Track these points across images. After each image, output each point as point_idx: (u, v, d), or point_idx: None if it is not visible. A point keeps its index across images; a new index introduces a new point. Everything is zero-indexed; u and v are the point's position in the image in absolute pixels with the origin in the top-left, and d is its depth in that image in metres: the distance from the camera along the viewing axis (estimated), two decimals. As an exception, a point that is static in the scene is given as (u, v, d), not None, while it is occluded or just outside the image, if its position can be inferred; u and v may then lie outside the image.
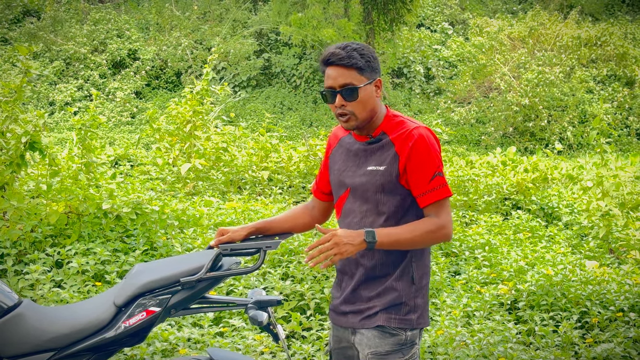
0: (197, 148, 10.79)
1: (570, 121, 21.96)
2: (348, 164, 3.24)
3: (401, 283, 3.11)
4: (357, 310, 3.16)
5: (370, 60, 3.11)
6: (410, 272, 3.12)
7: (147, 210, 7.18)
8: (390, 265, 3.12)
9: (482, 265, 7.42)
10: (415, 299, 3.13)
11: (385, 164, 3.10)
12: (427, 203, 3.07)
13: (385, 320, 3.08)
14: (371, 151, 3.17)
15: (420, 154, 3.05)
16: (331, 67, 3.10)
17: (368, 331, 3.11)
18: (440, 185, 3.06)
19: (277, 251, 6.92)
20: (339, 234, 2.92)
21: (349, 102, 3.08)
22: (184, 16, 26.32)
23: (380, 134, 3.16)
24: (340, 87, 3.08)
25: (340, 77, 3.07)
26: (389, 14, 24.07)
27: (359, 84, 3.07)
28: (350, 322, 3.18)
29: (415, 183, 3.07)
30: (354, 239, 2.92)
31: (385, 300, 3.10)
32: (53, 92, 23.24)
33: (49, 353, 3.05)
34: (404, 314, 3.10)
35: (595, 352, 5.26)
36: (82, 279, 6.09)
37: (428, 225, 3.03)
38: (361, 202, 3.16)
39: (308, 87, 25.11)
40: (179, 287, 3.10)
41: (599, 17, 29.19)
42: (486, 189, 10.73)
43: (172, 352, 5.05)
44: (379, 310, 3.10)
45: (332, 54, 3.09)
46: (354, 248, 2.92)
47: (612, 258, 7.82)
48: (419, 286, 3.15)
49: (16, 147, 6.63)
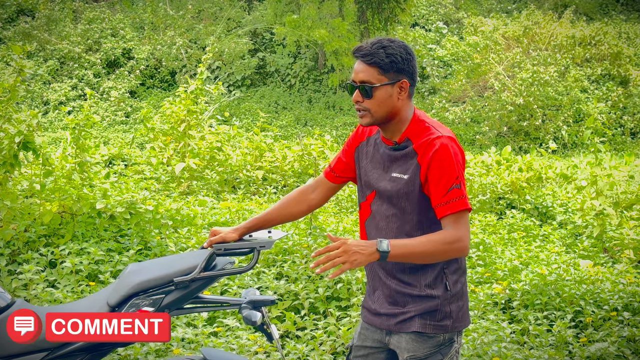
0: (192, 147, 10.78)
1: (564, 120, 21.99)
2: (375, 165, 3.20)
3: (435, 290, 3.06)
4: (392, 314, 3.12)
5: (397, 61, 3.02)
6: (443, 279, 3.07)
7: (141, 209, 7.17)
8: (420, 270, 3.07)
9: (476, 265, 7.42)
10: (450, 305, 3.08)
11: (409, 173, 3.04)
12: (444, 214, 2.97)
13: (420, 327, 3.04)
14: (395, 158, 3.11)
15: (440, 165, 2.97)
16: (357, 60, 3.06)
17: (406, 334, 3.08)
18: (458, 197, 2.97)
19: (271, 251, 6.91)
20: (350, 242, 2.82)
21: (365, 99, 3.05)
22: (178, 15, 26.29)
23: (404, 141, 3.09)
24: (359, 83, 3.04)
25: (361, 72, 3.03)
26: (384, 13, 24.11)
27: (376, 83, 3.02)
28: (386, 324, 3.14)
29: (434, 193, 3.00)
30: (365, 249, 2.82)
31: (420, 306, 3.06)
32: (47, 92, 23.20)
33: (43, 353, 3.04)
34: (438, 319, 3.05)
35: (589, 352, 5.27)
36: (75, 278, 6.07)
37: (444, 236, 2.94)
38: (387, 205, 3.12)
39: (303, 87, 25.11)
40: (173, 286, 3.09)
41: (594, 17, 29.25)
42: (480, 188, 10.74)
43: (165, 352, 5.04)
44: (414, 315, 3.06)
45: (359, 47, 3.05)
46: (364, 258, 2.81)
47: (606, 257, 7.83)
48: (453, 292, 3.09)
49: (9, 147, 6.61)
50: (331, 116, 23.71)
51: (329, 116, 23.70)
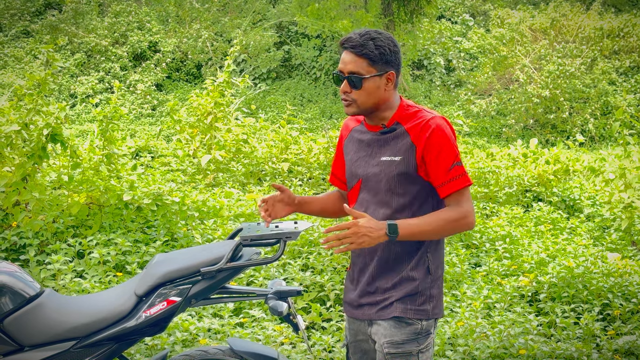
0: (218, 140, 10.81)
1: (592, 113, 21.78)
2: (360, 154, 3.21)
3: (417, 272, 3.09)
4: (373, 302, 3.14)
5: (386, 53, 3.05)
6: (426, 262, 3.10)
7: (167, 201, 7.21)
8: (405, 256, 3.10)
9: (502, 257, 7.39)
10: (431, 289, 3.11)
11: (401, 154, 3.06)
12: (448, 193, 3.03)
13: (401, 311, 3.06)
14: (384, 141, 3.13)
15: (438, 144, 3.01)
16: (345, 51, 3.08)
17: (384, 322, 3.10)
18: (459, 174, 3.02)
19: (297, 242, 6.92)
20: (360, 223, 2.88)
21: (353, 90, 3.06)
22: (203, 8, 26.34)
23: (394, 124, 3.12)
24: (347, 74, 3.06)
25: (350, 63, 3.05)
26: (409, 5, 23.97)
27: (365, 74, 3.04)
28: (367, 313, 3.16)
29: (435, 173, 3.03)
30: (374, 231, 2.90)
31: (402, 290, 3.08)
32: (74, 85, 23.35)
33: (71, 342, 3.08)
34: (419, 304, 3.08)
35: (617, 344, 5.23)
36: (103, 269, 6.13)
37: (450, 214, 3.01)
38: (374, 193, 3.14)
39: (328, 79, 25.06)
40: (200, 277, 3.11)
41: (622, 8, 28.89)
42: (507, 181, 10.68)
43: (192, 342, 5.07)
44: (395, 300, 3.08)
45: (348, 38, 3.06)
46: (371, 240, 2.90)
47: (634, 250, 7.77)
48: (434, 276, 3.13)
49: (38, 139, 6.68)
50: (356, 109, 23.63)
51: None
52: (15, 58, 23.68)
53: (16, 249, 6.59)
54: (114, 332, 3.08)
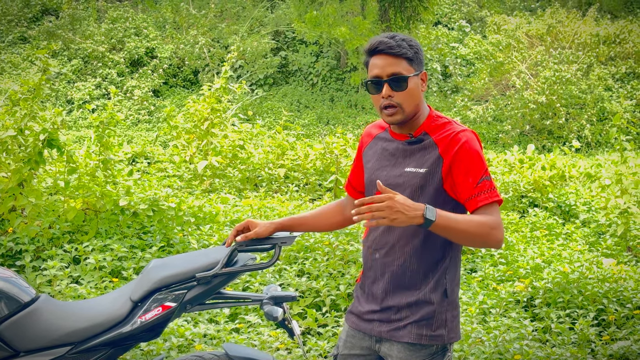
0: (214, 146, 10.83)
1: (588, 119, 21.82)
2: (383, 162, 3.07)
3: (434, 295, 2.95)
4: (386, 320, 3.00)
5: (418, 52, 2.97)
6: (443, 285, 2.96)
7: (163, 207, 7.22)
8: (421, 274, 2.96)
9: (498, 263, 7.40)
10: (447, 313, 2.97)
11: (427, 166, 2.93)
12: (476, 206, 2.87)
13: (415, 337, 2.93)
14: (411, 152, 2.99)
15: (468, 158, 2.88)
16: (379, 55, 2.95)
17: (399, 344, 2.97)
18: (489, 188, 2.88)
19: (293, 248, 6.93)
20: (397, 199, 2.66)
21: (396, 93, 2.92)
22: (200, 14, 26.38)
23: (421, 134, 2.98)
24: (388, 77, 2.92)
25: (389, 66, 2.92)
26: (406, 11, 24.04)
27: (408, 73, 2.92)
28: (377, 330, 3.01)
29: (462, 188, 2.89)
30: (410, 210, 2.66)
31: (418, 313, 2.94)
32: (71, 91, 23.37)
33: (66, 347, 3.08)
34: (434, 329, 2.94)
35: (612, 350, 5.24)
36: (99, 274, 6.13)
37: (485, 219, 2.82)
38: None
39: (325, 85, 25.11)
40: (195, 282, 3.12)
41: (618, 15, 28.97)
42: (503, 187, 10.70)
43: (188, 348, 5.07)
44: (409, 323, 2.94)
45: (380, 42, 2.94)
46: (406, 219, 2.65)
47: (629, 256, 7.78)
48: (450, 299, 2.99)
49: (34, 145, 6.69)
50: (353, 115, 23.70)
51: (351, 115, 23.70)
52: (12, 64, 23.70)
53: (12, 254, 6.59)
54: (110, 337, 3.08)
